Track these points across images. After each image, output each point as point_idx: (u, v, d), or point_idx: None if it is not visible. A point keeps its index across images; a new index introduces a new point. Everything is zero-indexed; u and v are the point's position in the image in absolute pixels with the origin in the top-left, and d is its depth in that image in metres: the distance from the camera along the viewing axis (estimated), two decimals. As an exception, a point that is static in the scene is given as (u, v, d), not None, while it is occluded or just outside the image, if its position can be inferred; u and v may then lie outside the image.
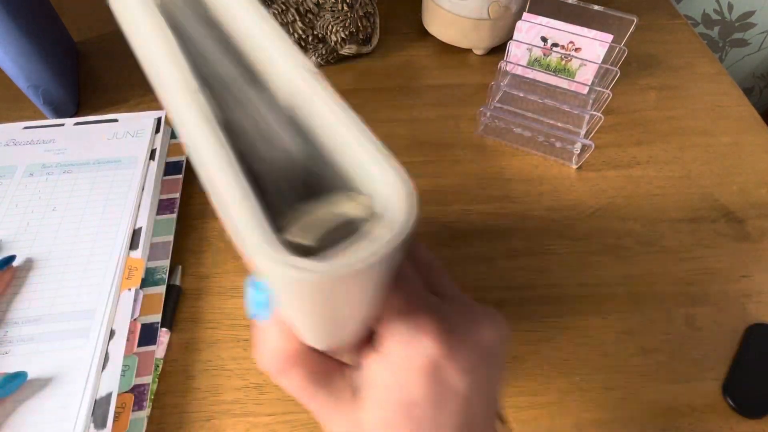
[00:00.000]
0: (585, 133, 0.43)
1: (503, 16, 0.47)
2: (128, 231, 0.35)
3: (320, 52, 0.50)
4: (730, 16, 0.80)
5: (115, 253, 0.34)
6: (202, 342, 0.33)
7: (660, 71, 0.51)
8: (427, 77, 0.50)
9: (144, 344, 0.31)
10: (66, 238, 0.35)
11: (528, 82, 0.47)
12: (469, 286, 0.35)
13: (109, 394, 0.28)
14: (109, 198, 0.37)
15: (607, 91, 0.41)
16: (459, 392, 0.17)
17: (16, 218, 0.36)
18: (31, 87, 0.42)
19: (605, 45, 0.41)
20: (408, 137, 0.45)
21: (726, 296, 0.36)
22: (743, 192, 0.41)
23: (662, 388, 0.32)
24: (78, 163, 0.39)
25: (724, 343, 0.33)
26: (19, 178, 0.38)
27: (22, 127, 0.41)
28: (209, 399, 0.31)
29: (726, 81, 0.50)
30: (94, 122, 0.42)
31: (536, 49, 0.44)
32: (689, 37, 0.55)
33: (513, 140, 0.44)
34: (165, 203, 0.38)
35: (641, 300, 0.35)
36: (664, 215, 0.40)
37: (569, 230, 0.39)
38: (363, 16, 0.48)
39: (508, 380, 0.32)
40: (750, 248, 0.38)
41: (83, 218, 0.36)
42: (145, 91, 0.48)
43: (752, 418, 0.30)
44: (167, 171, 0.40)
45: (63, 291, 0.32)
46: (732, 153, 0.44)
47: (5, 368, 0.29)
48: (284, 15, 0.46)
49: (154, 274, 0.34)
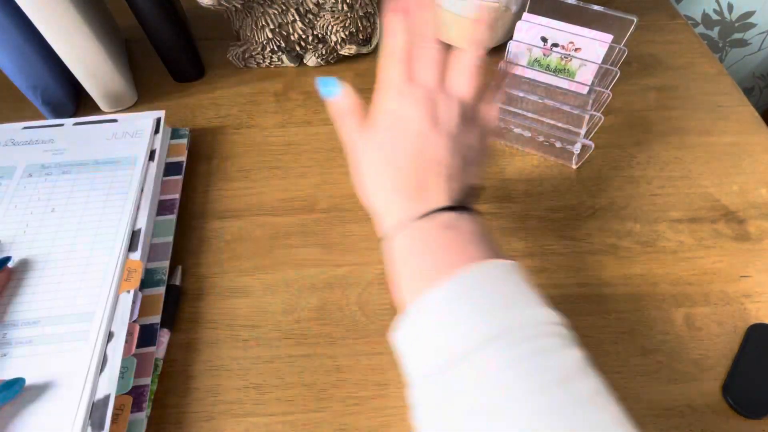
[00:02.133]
0: (585, 133, 0.43)
1: (503, 16, 0.47)
2: (127, 232, 0.35)
3: (320, 52, 0.49)
4: (730, 16, 0.80)
5: (114, 255, 0.34)
6: (202, 342, 0.33)
7: (660, 71, 0.51)
8: (427, 77, 0.50)
9: (143, 346, 0.31)
10: (65, 240, 0.35)
11: (528, 82, 0.47)
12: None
13: (107, 397, 0.28)
14: (108, 199, 0.37)
15: (607, 92, 0.41)
16: (448, 124, 0.26)
17: (15, 219, 0.35)
18: (30, 87, 0.42)
19: (605, 45, 0.41)
20: (408, 137, 0.45)
21: (726, 296, 0.36)
22: (743, 192, 0.41)
23: (662, 388, 0.32)
24: (77, 164, 0.39)
25: (724, 343, 0.33)
26: (18, 179, 0.38)
27: (21, 127, 0.41)
28: (209, 399, 0.31)
29: (726, 81, 0.50)
30: (93, 122, 0.42)
31: (536, 49, 0.44)
32: (689, 37, 0.55)
33: (513, 140, 0.44)
34: (165, 204, 0.38)
35: (641, 300, 0.35)
36: (664, 215, 0.40)
37: (569, 230, 0.39)
38: (363, 16, 0.48)
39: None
40: (750, 248, 0.38)
41: (82, 219, 0.36)
42: (144, 91, 0.48)
43: (752, 418, 0.30)
44: (167, 171, 0.40)
45: (61, 293, 0.32)
46: (732, 153, 0.44)
47: (3, 371, 0.28)
48: (284, 15, 0.46)
49: (154, 275, 0.34)
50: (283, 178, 0.42)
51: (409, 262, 0.24)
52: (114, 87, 0.44)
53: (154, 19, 0.43)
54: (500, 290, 0.22)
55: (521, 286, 0.23)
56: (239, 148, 0.44)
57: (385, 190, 0.26)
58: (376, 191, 0.27)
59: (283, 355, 0.33)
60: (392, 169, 0.26)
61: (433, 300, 0.22)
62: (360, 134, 0.28)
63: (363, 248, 0.38)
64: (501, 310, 0.21)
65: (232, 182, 0.42)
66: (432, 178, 0.25)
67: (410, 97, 0.26)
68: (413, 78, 0.27)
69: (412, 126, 0.26)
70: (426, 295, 0.22)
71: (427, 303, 0.22)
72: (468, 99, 0.27)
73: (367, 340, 0.33)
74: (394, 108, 0.27)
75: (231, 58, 0.50)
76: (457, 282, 0.22)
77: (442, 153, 0.25)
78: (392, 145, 0.26)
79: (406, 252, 0.24)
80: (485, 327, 0.20)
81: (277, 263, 0.37)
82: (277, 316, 0.34)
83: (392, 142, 0.26)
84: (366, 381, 0.32)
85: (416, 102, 0.26)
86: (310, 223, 0.39)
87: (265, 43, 0.48)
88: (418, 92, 0.26)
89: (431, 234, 0.24)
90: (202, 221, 0.39)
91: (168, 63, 0.47)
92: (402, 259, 0.25)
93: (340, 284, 0.36)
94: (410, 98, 0.26)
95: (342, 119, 0.29)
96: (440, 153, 0.25)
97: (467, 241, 0.24)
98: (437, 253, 0.23)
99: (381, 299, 0.35)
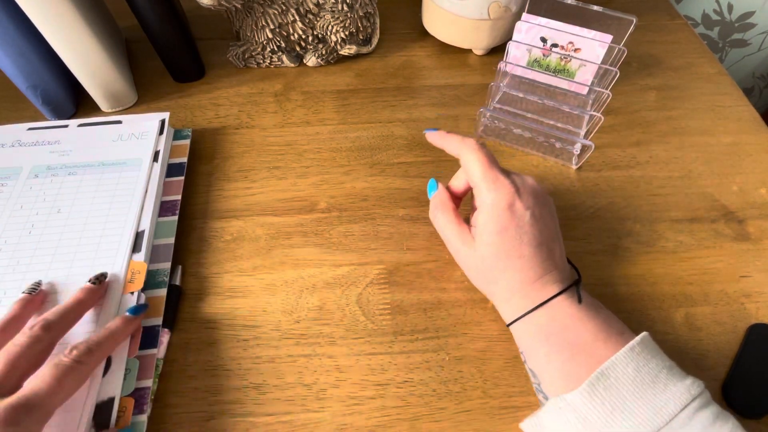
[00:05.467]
0: (585, 133, 0.43)
1: (503, 16, 0.47)
2: (131, 234, 0.35)
3: (320, 52, 0.50)
4: (729, 16, 0.80)
5: (118, 257, 0.34)
6: (202, 342, 0.33)
7: (660, 71, 0.51)
8: (427, 77, 0.51)
9: (145, 347, 0.31)
10: (70, 241, 0.35)
11: (527, 82, 0.47)
12: (470, 286, 0.35)
13: (112, 399, 0.28)
14: (113, 200, 0.37)
15: (606, 92, 0.41)
16: (527, 218, 0.29)
17: (20, 220, 0.35)
18: (30, 87, 0.42)
19: (605, 45, 0.41)
20: (408, 137, 0.45)
21: (726, 296, 0.36)
22: (743, 192, 0.41)
23: (662, 388, 0.32)
24: (83, 165, 0.39)
25: (724, 343, 0.33)
26: (24, 180, 0.38)
27: (26, 128, 0.41)
28: (209, 399, 0.31)
29: (726, 81, 0.50)
30: (98, 124, 0.42)
31: (536, 49, 0.44)
32: (689, 37, 0.55)
33: (513, 141, 0.44)
34: (167, 205, 0.38)
35: (641, 300, 0.35)
36: (664, 215, 0.40)
37: (569, 230, 0.39)
38: (363, 16, 0.48)
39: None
40: (750, 248, 0.38)
41: (87, 221, 0.36)
42: (144, 91, 0.48)
43: (752, 418, 0.30)
44: (169, 172, 0.40)
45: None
46: (732, 153, 0.44)
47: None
48: (284, 15, 0.46)
49: (156, 277, 0.34)
50: (283, 178, 0.42)
51: (537, 347, 0.28)
52: (114, 87, 0.45)
53: (154, 19, 0.43)
54: (642, 379, 0.25)
55: (654, 364, 0.25)
56: (239, 148, 0.44)
57: (499, 286, 0.30)
58: (491, 288, 0.31)
59: (283, 355, 0.33)
60: (508, 263, 0.29)
61: (576, 402, 0.25)
62: (464, 243, 0.32)
63: (363, 248, 0.38)
64: (647, 406, 0.24)
65: (232, 182, 0.42)
66: (549, 266, 0.29)
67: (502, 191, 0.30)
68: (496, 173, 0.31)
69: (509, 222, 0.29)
70: (568, 397, 0.25)
71: (572, 404, 0.25)
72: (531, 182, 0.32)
73: (367, 340, 0.33)
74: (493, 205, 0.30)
75: (231, 58, 0.50)
76: (598, 384, 0.25)
77: (540, 239, 0.29)
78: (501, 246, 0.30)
79: (532, 338, 0.29)
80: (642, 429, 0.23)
81: (277, 263, 0.37)
82: (277, 316, 0.34)
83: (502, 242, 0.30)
84: (366, 381, 0.32)
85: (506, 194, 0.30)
86: (310, 223, 0.39)
87: (265, 43, 0.48)
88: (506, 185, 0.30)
89: (554, 326, 0.28)
90: (202, 221, 0.39)
91: (168, 63, 0.47)
92: (529, 343, 0.29)
93: (340, 284, 0.36)
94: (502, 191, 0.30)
95: (439, 212, 0.33)
96: (539, 239, 0.29)
97: (590, 325, 0.27)
98: (566, 348, 0.27)
99: (381, 299, 0.35)
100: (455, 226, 0.32)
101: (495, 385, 0.32)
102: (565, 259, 0.31)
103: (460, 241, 0.32)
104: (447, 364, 0.32)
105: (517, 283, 0.29)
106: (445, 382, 0.32)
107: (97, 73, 0.43)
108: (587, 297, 0.29)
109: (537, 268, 0.29)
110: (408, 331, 0.34)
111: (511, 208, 0.29)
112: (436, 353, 0.33)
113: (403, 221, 0.39)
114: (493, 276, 0.30)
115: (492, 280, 0.30)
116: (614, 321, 0.28)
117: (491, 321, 0.34)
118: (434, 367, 0.32)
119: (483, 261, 0.30)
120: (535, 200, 0.30)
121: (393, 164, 0.43)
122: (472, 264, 0.31)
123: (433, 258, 0.37)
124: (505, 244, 0.29)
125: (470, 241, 0.31)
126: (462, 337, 0.34)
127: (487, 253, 0.30)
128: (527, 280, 0.29)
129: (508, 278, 0.29)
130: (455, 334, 0.34)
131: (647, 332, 0.27)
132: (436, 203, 0.34)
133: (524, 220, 0.29)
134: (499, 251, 0.29)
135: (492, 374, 0.32)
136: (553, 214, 0.32)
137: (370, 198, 0.41)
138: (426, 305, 0.35)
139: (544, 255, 0.29)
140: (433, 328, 0.34)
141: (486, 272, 0.30)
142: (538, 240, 0.29)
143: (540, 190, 0.31)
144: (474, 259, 0.31)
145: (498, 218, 0.29)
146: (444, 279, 0.36)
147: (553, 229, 0.31)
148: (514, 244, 0.29)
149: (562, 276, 0.30)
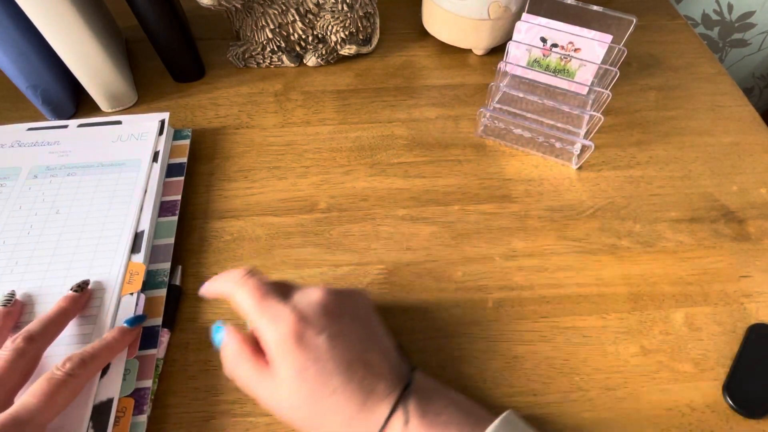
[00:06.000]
0: (585, 133, 0.43)
1: (503, 16, 0.47)
2: (130, 235, 0.35)
3: (320, 52, 0.50)
4: (729, 16, 0.80)
5: (117, 258, 0.34)
6: (202, 342, 0.33)
7: (660, 71, 0.51)
8: (427, 77, 0.51)
9: (145, 347, 0.31)
10: (69, 242, 0.35)
11: (527, 82, 0.47)
12: (470, 286, 0.35)
13: (110, 400, 0.28)
14: (112, 201, 0.37)
15: (606, 92, 0.41)
16: (323, 345, 0.25)
17: (19, 220, 0.35)
18: (30, 87, 0.42)
19: (605, 45, 0.41)
20: (408, 137, 0.45)
21: (726, 296, 0.36)
22: (743, 192, 0.41)
23: (662, 388, 0.32)
24: (82, 166, 0.39)
25: (724, 343, 0.33)
26: (23, 180, 0.38)
27: (26, 129, 0.41)
28: (209, 399, 0.31)
29: (726, 81, 0.50)
30: (98, 124, 0.42)
31: (536, 49, 0.44)
32: (689, 37, 0.55)
33: (513, 141, 0.44)
34: (167, 205, 0.38)
35: (641, 300, 0.35)
36: (664, 215, 0.40)
37: (569, 230, 0.39)
38: (363, 16, 0.48)
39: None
40: (750, 248, 0.38)
41: (86, 221, 0.36)
42: (144, 91, 0.48)
43: (752, 418, 0.30)
44: (169, 172, 0.40)
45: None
46: (732, 153, 0.44)
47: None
48: (284, 15, 0.46)
49: (156, 277, 0.34)
50: (283, 178, 0.42)
51: None
52: (114, 87, 0.45)
53: (154, 19, 0.43)
54: None
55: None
56: (239, 148, 0.44)
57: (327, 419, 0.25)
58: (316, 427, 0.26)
59: (283, 355, 0.33)
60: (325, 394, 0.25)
61: None
62: (262, 377, 0.26)
63: (363, 248, 0.38)
64: None
65: (232, 182, 0.42)
66: (370, 383, 0.25)
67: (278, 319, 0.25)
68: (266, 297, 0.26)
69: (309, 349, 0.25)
70: None
71: None
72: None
73: (367, 340, 0.33)
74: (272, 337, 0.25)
75: (231, 58, 0.50)
76: None
77: (349, 357, 0.25)
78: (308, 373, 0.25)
79: None
80: None
81: (277, 263, 0.37)
82: (277, 316, 0.34)
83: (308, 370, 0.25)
84: (366, 381, 0.32)
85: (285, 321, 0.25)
86: (310, 223, 0.39)
87: (265, 43, 0.48)
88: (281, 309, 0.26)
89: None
90: (202, 221, 0.39)
91: (168, 63, 0.47)
92: None
93: (340, 284, 0.36)
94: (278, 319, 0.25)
95: (238, 366, 0.26)
96: (348, 358, 0.25)
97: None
98: None
99: (381, 299, 0.35)
100: (262, 377, 0.26)
101: (495, 385, 0.32)
102: (392, 354, 0.27)
103: (275, 392, 0.26)
104: (447, 364, 0.32)
105: (341, 425, 0.25)
106: (445, 383, 0.32)
107: (97, 73, 0.43)
108: (425, 389, 0.26)
109: (356, 394, 0.24)
110: (408, 331, 0.34)
111: (300, 341, 0.24)
112: (436, 353, 0.33)
113: (403, 221, 0.39)
114: (317, 422, 0.25)
115: (318, 427, 0.26)
116: (461, 413, 0.25)
117: (491, 321, 0.34)
118: (435, 367, 0.32)
119: (299, 410, 0.25)
120: (328, 317, 0.26)
121: (393, 164, 0.43)
122: (295, 414, 0.26)
123: (433, 258, 0.37)
124: (309, 386, 0.24)
125: (267, 372, 0.26)
126: (462, 337, 0.34)
127: (296, 401, 0.25)
128: (350, 414, 0.24)
129: (330, 422, 0.25)
130: (455, 334, 0.34)
131: (510, 411, 0.26)
132: (229, 356, 0.27)
133: (322, 349, 0.25)
134: (307, 397, 0.24)
135: (492, 374, 0.32)
136: (359, 312, 0.28)
137: (370, 198, 0.41)
138: (426, 305, 0.35)
139: (360, 374, 0.25)
140: (433, 328, 0.34)
141: (308, 420, 0.26)
142: (347, 360, 0.25)
143: (332, 299, 0.27)
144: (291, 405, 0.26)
145: (290, 359, 0.24)
146: (444, 279, 0.36)
147: (364, 333, 0.27)
148: (320, 382, 0.24)
149: (392, 383, 0.26)
